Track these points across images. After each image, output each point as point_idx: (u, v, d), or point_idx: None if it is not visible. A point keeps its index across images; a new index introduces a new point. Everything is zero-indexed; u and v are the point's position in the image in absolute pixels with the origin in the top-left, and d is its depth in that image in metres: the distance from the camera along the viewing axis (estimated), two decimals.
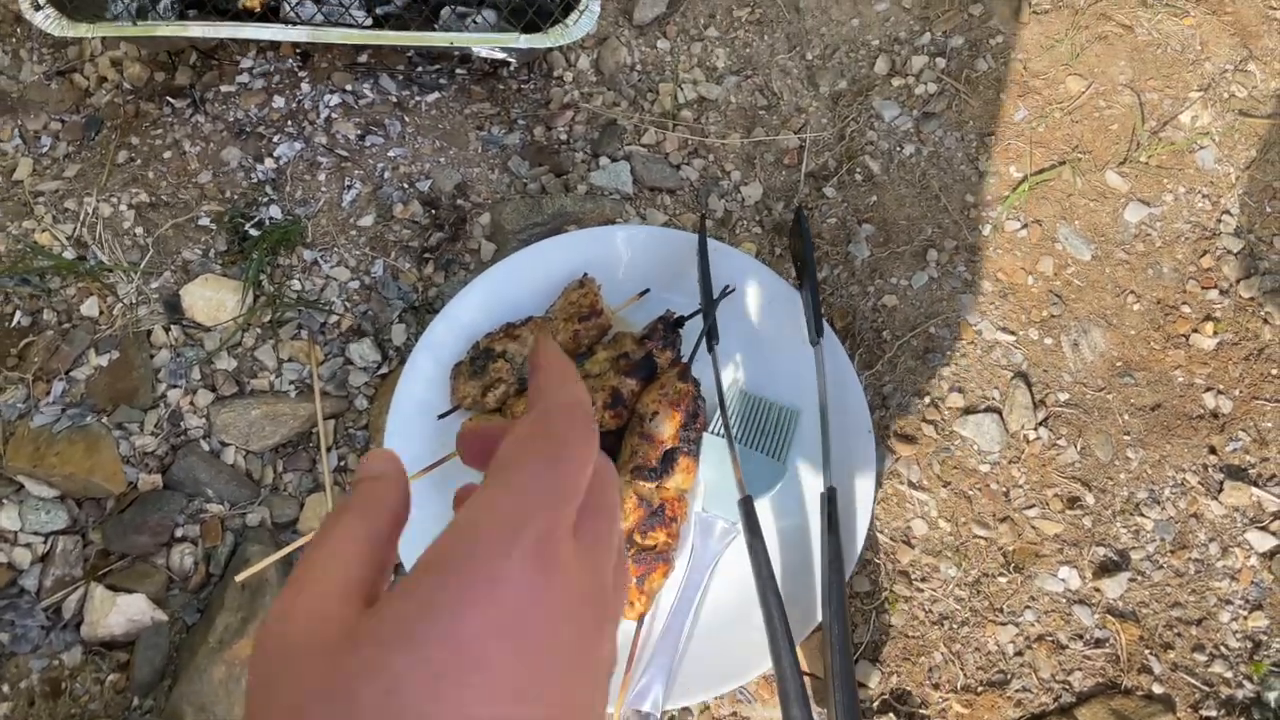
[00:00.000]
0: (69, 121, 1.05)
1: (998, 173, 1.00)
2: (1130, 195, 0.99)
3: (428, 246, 1.01)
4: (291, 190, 1.01)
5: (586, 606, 0.25)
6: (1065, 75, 1.03)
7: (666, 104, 1.07)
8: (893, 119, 1.03)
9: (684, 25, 1.12)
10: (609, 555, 0.27)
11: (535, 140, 1.07)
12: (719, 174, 1.04)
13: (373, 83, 1.07)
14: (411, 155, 1.04)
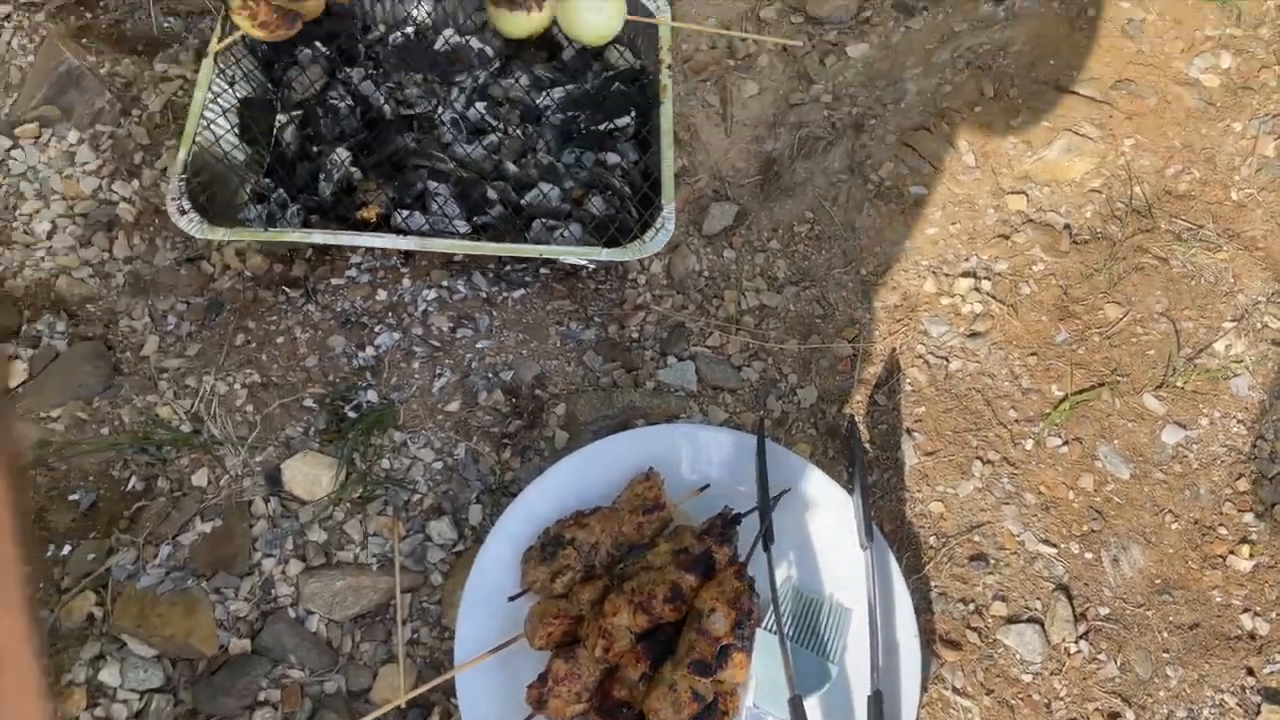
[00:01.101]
0: (193, 304, 1.23)
1: (1040, 390, 1.13)
2: (1167, 418, 1.11)
3: (507, 433, 1.15)
4: (388, 376, 1.17)
5: None
6: (1104, 302, 1.17)
7: (730, 309, 1.23)
8: (940, 335, 1.18)
9: (748, 237, 1.29)
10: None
11: (609, 337, 1.22)
12: (777, 376, 1.18)
13: (466, 279, 1.25)
14: (497, 347, 1.21)
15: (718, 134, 1.34)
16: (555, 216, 1.23)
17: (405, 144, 1.23)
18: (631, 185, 1.24)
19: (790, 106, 1.35)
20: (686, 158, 1.32)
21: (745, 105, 1.35)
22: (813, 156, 1.31)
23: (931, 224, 1.24)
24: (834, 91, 1.34)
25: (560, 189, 1.24)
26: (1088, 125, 1.26)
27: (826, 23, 1.38)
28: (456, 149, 1.25)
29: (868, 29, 1.37)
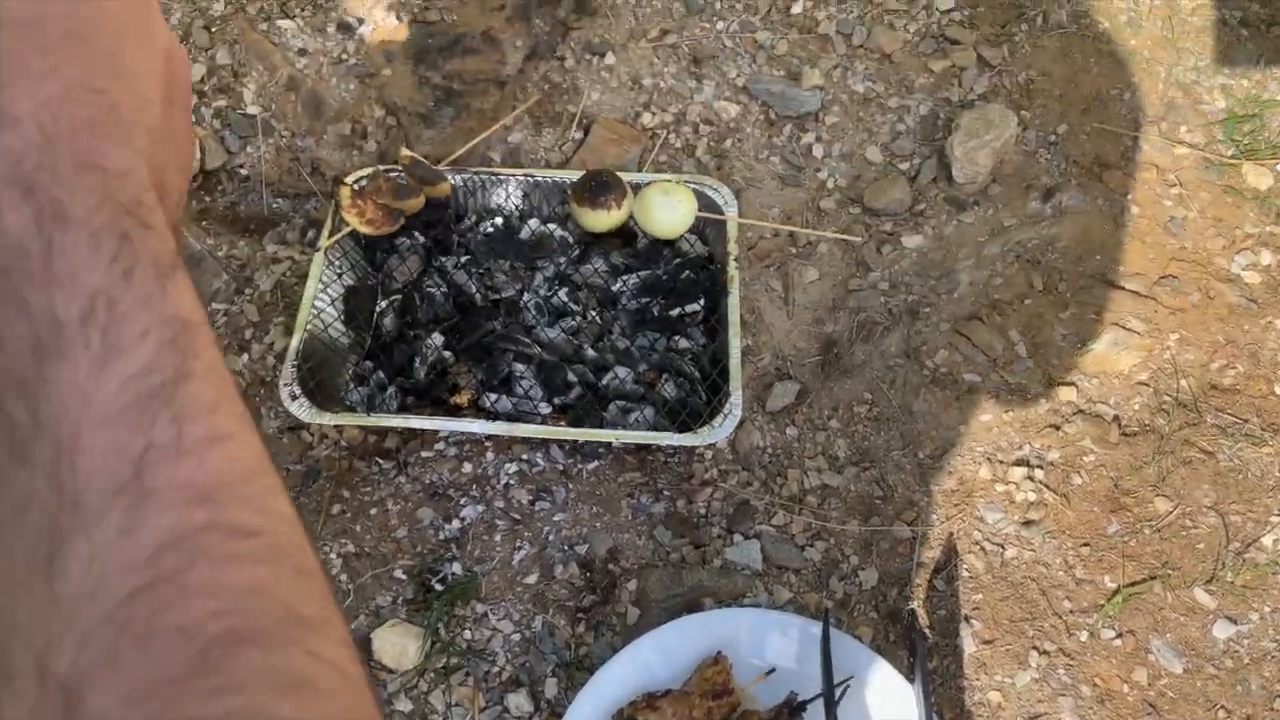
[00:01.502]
0: (293, 470, 1.35)
1: (1093, 581, 1.20)
2: (1218, 612, 1.17)
3: (581, 607, 1.24)
4: (472, 549, 1.27)
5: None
6: (1153, 495, 1.25)
7: (794, 488, 1.32)
8: (996, 522, 1.26)
9: (810, 415, 1.39)
10: None
11: (678, 512, 1.32)
12: (839, 557, 1.27)
13: (545, 452, 1.36)
14: (573, 519, 1.31)
15: (780, 316, 1.46)
16: (630, 398, 1.34)
17: (493, 328, 1.36)
18: (701, 370, 1.36)
19: (849, 292, 1.46)
20: (751, 338, 1.43)
21: (806, 290, 1.47)
22: (870, 340, 1.42)
23: (985, 411, 1.34)
24: (890, 279, 1.46)
25: (634, 372, 1.35)
26: (1134, 320, 1.36)
27: (883, 214, 1.51)
28: (539, 332, 1.38)
29: (921, 221, 1.49)
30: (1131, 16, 1.65)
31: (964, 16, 1.67)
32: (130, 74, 0.31)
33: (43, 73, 0.28)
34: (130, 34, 0.32)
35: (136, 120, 0.30)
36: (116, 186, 0.28)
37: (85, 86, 0.29)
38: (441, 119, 1.57)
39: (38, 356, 0.26)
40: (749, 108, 1.62)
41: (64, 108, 0.28)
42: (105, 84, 0.30)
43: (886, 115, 1.60)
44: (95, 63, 0.30)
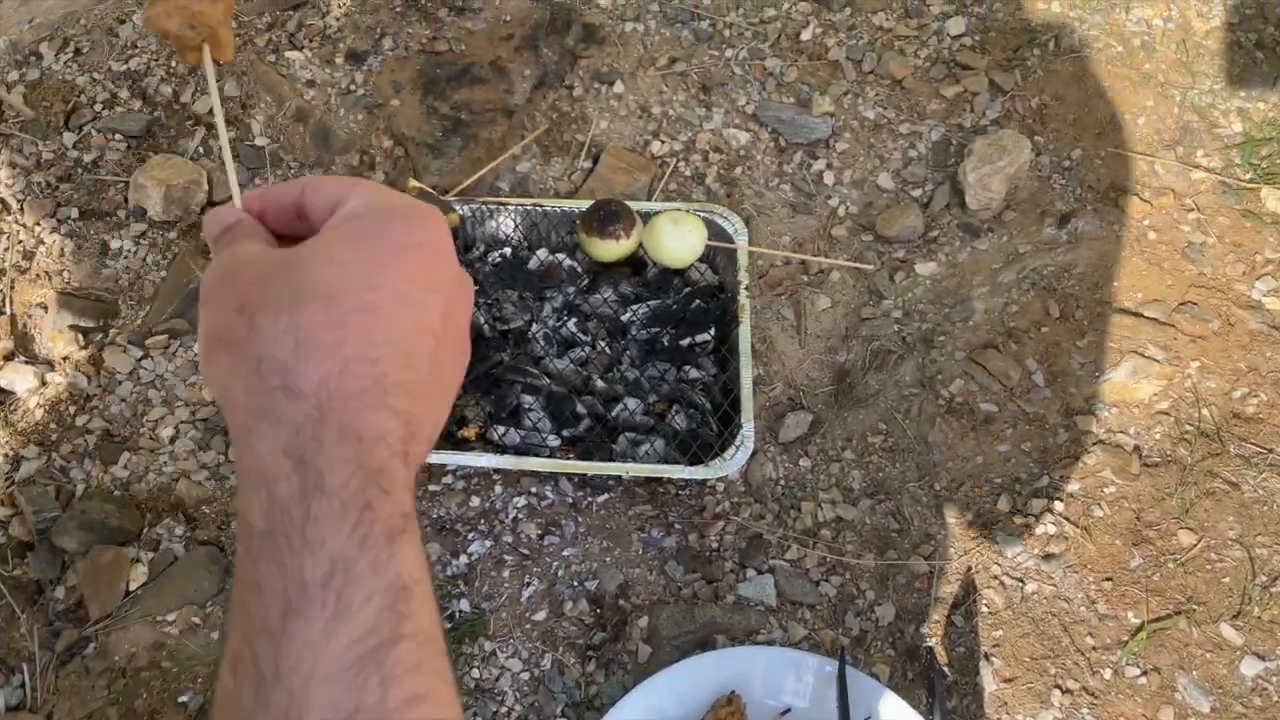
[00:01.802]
0: None
1: (1116, 617, 1.18)
2: (1245, 648, 1.15)
3: (591, 645, 1.22)
4: (479, 585, 1.26)
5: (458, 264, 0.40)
6: (1177, 528, 1.23)
7: (808, 521, 1.30)
8: (1015, 555, 1.23)
9: (823, 446, 1.38)
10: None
11: (689, 546, 1.30)
12: (855, 592, 1.25)
13: (554, 485, 1.34)
14: (582, 555, 1.29)
15: (792, 345, 1.45)
16: (640, 430, 1.33)
17: (501, 359, 1.35)
18: (712, 401, 1.34)
19: (862, 320, 1.45)
20: (762, 367, 1.42)
21: (818, 318, 1.46)
22: (884, 369, 1.41)
23: (1003, 441, 1.32)
24: (904, 307, 1.44)
25: (644, 403, 1.34)
26: (1153, 347, 1.34)
27: (895, 241, 1.50)
28: (548, 363, 1.37)
29: (935, 248, 1.48)
30: (1145, 40, 1.64)
31: (975, 42, 1.67)
32: (404, 338, 0.36)
33: (331, 346, 0.34)
34: (412, 296, 0.37)
35: (401, 381, 0.35)
36: (368, 454, 0.34)
37: (362, 358, 0.35)
38: (450, 149, 1.57)
39: (285, 611, 0.32)
40: (759, 135, 1.61)
41: (341, 381, 0.34)
42: (379, 352, 0.35)
43: (898, 142, 1.59)
44: (376, 332, 0.35)
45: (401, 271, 0.37)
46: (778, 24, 1.71)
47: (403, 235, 0.38)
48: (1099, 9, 1.68)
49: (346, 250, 0.37)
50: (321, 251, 0.37)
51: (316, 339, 0.34)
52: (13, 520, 1.30)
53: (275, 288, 0.35)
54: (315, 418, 0.33)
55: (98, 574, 1.24)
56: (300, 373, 0.33)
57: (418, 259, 0.38)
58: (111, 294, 1.49)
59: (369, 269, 0.36)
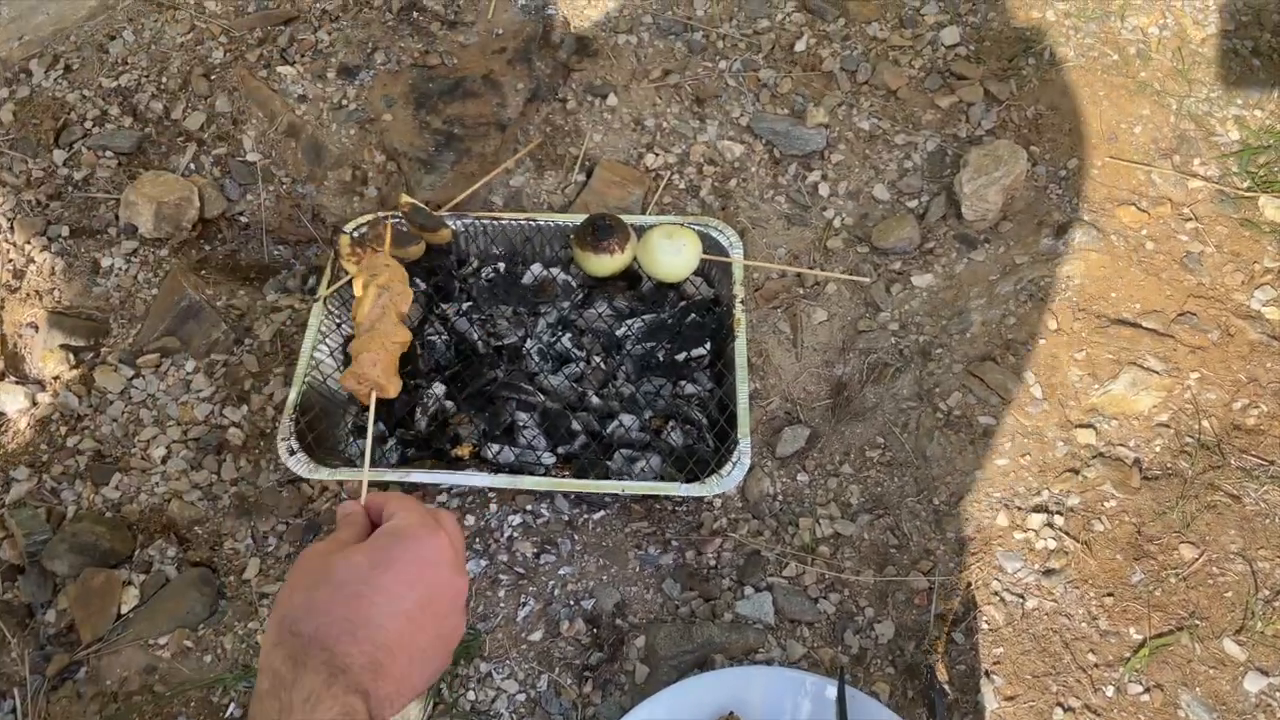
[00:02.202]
0: (292, 524, 1.33)
1: (1118, 633, 1.17)
2: (1249, 664, 1.14)
3: (588, 665, 1.21)
4: (475, 605, 1.25)
5: (455, 568, 0.63)
6: (1178, 542, 1.22)
7: (805, 537, 1.29)
8: (1015, 571, 1.22)
9: (821, 460, 1.37)
10: (461, 550, 0.65)
11: (687, 563, 1.29)
12: (854, 609, 1.24)
13: (549, 503, 1.33)
14: (578, 573, 1.28)
15: (788, 358, 1.44)
16: (636, 447, 1.32)
17: (495, 376, 1.35)
18: (708, 416, 1.33)
19: (858, 333, 1.44)
20: (759, 381, 1.41)
21: (815, 331, 1.45)
22: (881, 382, 1.40)
23: (1001, 455, 1.31)
24: (901, 319, 1.44)
25: (640, 419, 1.33)
26: (1152, 359, 1.33)
27: (891, 253, 1.49)
28: (543, 380, 1.36)
29: (931, 259, 1.47)
30: (1141, 48, 1.64)
31: (970, 51, 1.66)
32: (378, 614, 0.59)
33: (325, 611, 0.58)
34: (394, 591, 0.61)
35: (370, 635, 0.58)
36: (335, 659, 0.56)
37: (344, 619, 0.58)
38: (442, 163, 1.57)
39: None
40: (753, 147, 1.61)
41: (327, 628, 0.57)
42: (357, 620, 0.59)
43: (893, 152, 1.59)
44: (358, 609, 0.59)
45: (392, 576, 0.60)
46: (771, 35, 1.71)
47: (402, 552, 0.61)
48: (1094, 17, 1.67)
49: (363, 558, 0.61)
50: (351, 556, 0.61)
51: (319, 608, 0.58)
52: (3, 543, 1.29)
53: (315, 575, 0.60)
54: (306, 645, 0.56)
55: (89, 597, 1.23)
56: (303, 621, 0.57)
57: (407, 569, 0.61)
58: (102, 312, 1.48)
59: (370, 572, 0.60)
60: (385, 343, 1.17)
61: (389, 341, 1.17)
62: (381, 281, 1.19)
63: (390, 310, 1.19)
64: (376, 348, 1.15)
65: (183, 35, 1.69)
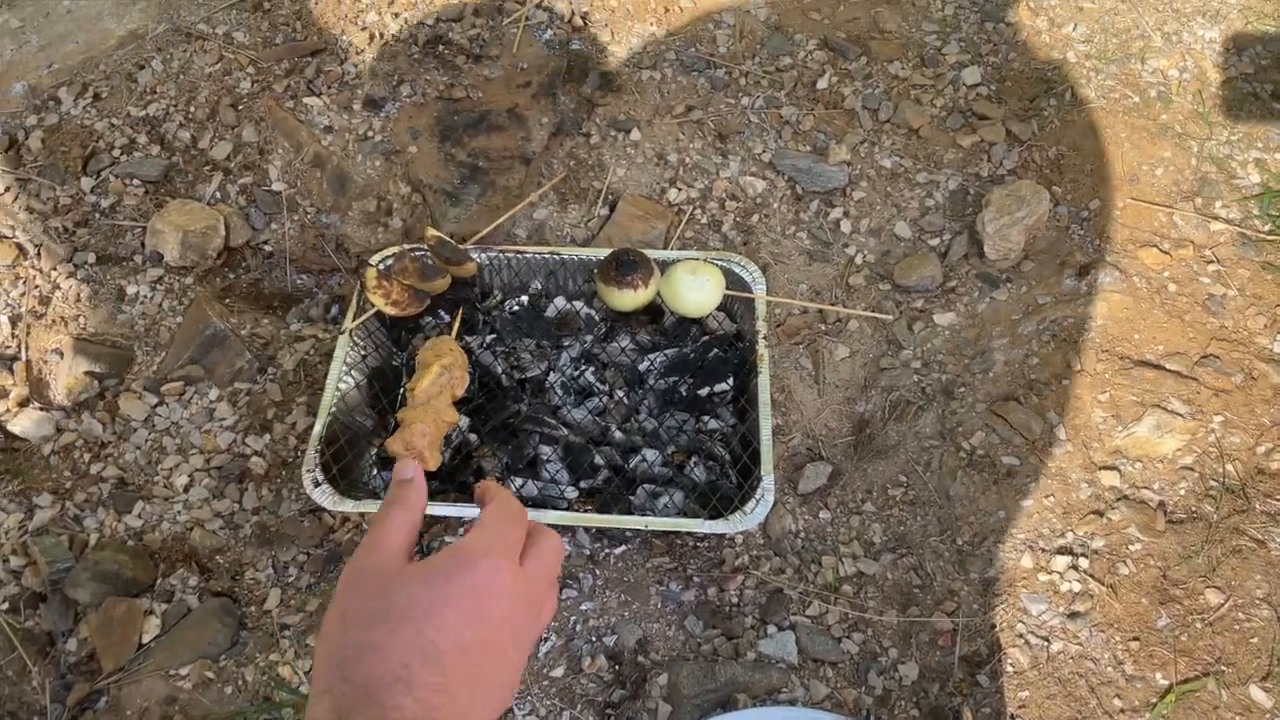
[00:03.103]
0: (313, 554, 1.34)
1: (1144, 678, 1.17)
2: (1275, 711, 1.13)
3: (610, 702, 1.21)
4: None
5: (521, 599, 0.56)
6: (1204, 587, 1.22)
7: (829, 576, 1.30)
8: (1040, 613, 1.22)
9: (843, 498, 1.37)
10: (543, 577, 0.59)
11: (709, 600, 1.29)
12: (878, 650, 1.24)
13: (571, 536, 1.34)
14: (600, 609, 1.28)
15: (810, 394, 1.45)
16: (658, 482, 1.32)
17: (518, 409, 1.35)
18: (731, 452, 1.34)
19: (880, 370, 1.45)
20: (781, 417, 1.42)
21: (837, 368, 1.46)
22: (904, 420, 1.41)
23: (1025, 496, 1.31)
24: (923, 357, 1.45)
25: (663, 454, 1.34)
26: (1175, 401, 1.34)
27: (913, 291, 1.50)
28: (565, 413, 1.37)
29: (953, 298, 1.49)
30: (1161, 90, 1.66)
31: (991, 91, 1.68)
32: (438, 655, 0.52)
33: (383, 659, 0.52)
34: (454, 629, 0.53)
35: (427, 681, 0.51)
36: (384, 716, 0.50)
37: (400, 664, 0.52)
38: (467, 196, 1.58)
39: None
40: (775, 183, 1.62)
41: (381, 677, 0.51)
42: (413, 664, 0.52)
43: (915, 191, 1.60)
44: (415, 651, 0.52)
45: (451, 611, 0.53)
46: (793, 72, 1.73)
47: (461, 583, 0.54)
48: (1114, 59, 1.70)
49: (423, 588, 0.54)
50: (410, 585, 0.54)
51: (375, 647, 0.52)
52: (26, 570, 1.29)
53: (370, 607, 0.54)
54: (356, 697, 0.51)
55: (110, 626, 1.23)
56: (356, 666, 0.51)
57: (467, 601, 0.54)
58: (127, 340, 1.49)
59: (430, 607, 0.53)
60: (437, 419, 1.20)
61: (440, 419, 1.21)
62: (446, 363, 1.23)
63: (447, 391, 1.23)
64: (430, 421, 1.18)
65: (211, 65, 1.71)
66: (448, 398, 1.25)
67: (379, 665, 0.52)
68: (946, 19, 1.79)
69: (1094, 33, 1.73)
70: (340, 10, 1.78)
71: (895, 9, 1.80)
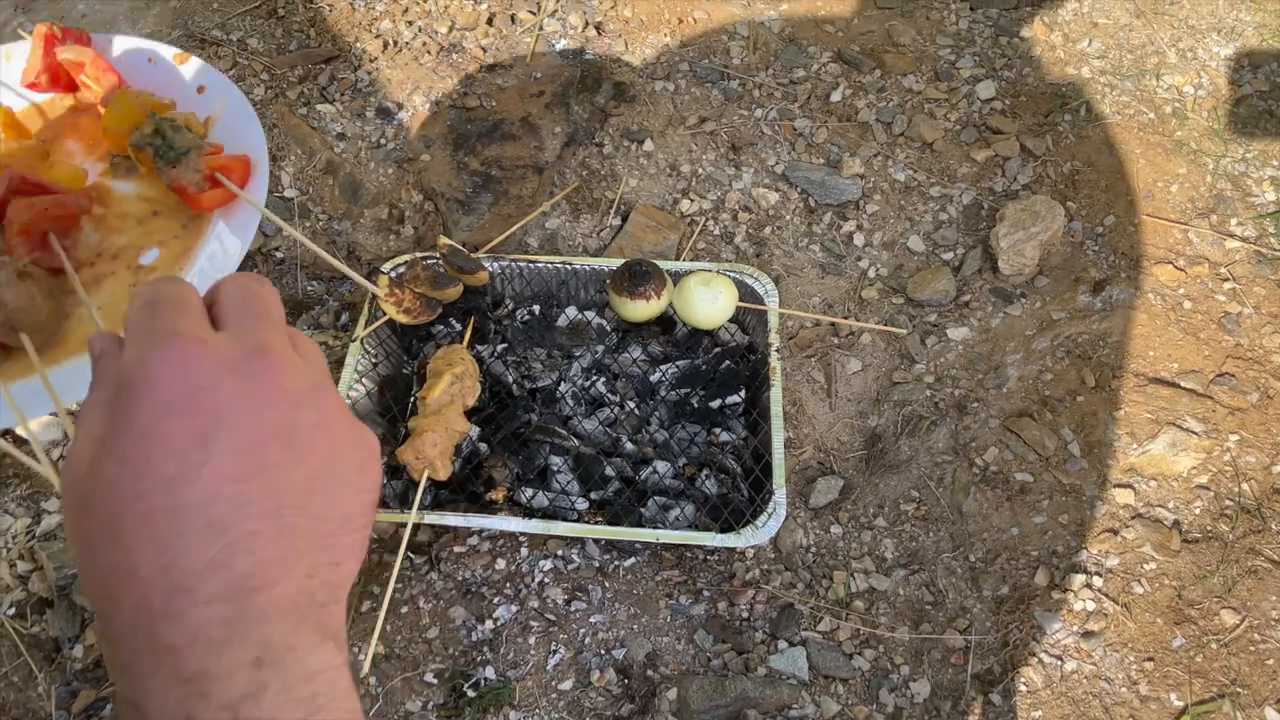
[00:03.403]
0: None
1: (1159, 699, 1.16)
2: None
3: (619, 716, 1.20)
4: (505, 651, 1.24)
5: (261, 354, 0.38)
6: (1219, 607, 1.21)
7: (840, 591, 1.29)
8: (1054, 632, 1.22)
9: (855, 513, 1.36)
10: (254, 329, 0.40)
11: (719, 614, 1.29)
12: (889, 666, 1.23)
13: (580, 548, 1.33)
14: (609, 621, 1.27)
15: (822, 408, 1.44)
16: (669, 494, 1.32)
17: (529, 419, 1.35)
18: (742, 465, 1.33)
19: (893, 384, 1.44)
20: (792, 430, 1.41)
21: (849, 381, 1.46)
22: (916, 435, 1.40)
23: (1039, 512, 1.30)
24: (936, 372, 1.44)
25: (674, 466, 1.33)
26: (1191, 419, 1.33)
27: (926, 305, 1.50)
28: (576, 424, 1.36)
29: (967, 313, 1.48)
30: (1176, 107, 1.66)
31: (1005, 106, 1.68)
32: (191, 516, 0.35)
33: (125, 579, 0.34)
34: (186, 470, 0.35)
35: (209, 561, 0.34)
36: (182, 661, 0.33)
37: (157, 569, 0.34)
38: (479, 205, 1.58)
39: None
40: (788, 195, 1.62)
41: (144, 606, 0.34)
42: (170, 556, 0.34)
43: (929, 204, 1.60)
44: (157, 538, 0.34)
45: (160, 456, 0.36)
46: (807, 85, 1.73)
47: (141, 412, 0.36)
48: (1129, 75, 1.69)
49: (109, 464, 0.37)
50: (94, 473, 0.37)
51: (115, 582, 0.35)
52: (33, 575, 1.29)
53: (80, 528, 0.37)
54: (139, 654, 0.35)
55: None
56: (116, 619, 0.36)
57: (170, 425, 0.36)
58: None
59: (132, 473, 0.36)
60: (448, 428, 1.20)
61: (451, 429, 1.21)
62: (458, 372, 1.23)
63: (458, 400, 1.22)
64: (441, 430, 1.18)
65: (225, 71, 1.71)
66: (459, 407, 1.25)
67: (133, 596, 0.34)
68: (961, 33, 1.79)
69: (1109, 48, 1.73)
70: (354, 18, 1.78)
71: (910, 22, 1.80)
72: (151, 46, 0.95)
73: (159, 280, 0.41)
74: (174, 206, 0.80)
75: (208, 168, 0.80)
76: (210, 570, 0.34)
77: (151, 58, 0.94)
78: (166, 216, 0.80)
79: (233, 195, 0.80)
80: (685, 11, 1.82)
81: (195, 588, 0.34)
